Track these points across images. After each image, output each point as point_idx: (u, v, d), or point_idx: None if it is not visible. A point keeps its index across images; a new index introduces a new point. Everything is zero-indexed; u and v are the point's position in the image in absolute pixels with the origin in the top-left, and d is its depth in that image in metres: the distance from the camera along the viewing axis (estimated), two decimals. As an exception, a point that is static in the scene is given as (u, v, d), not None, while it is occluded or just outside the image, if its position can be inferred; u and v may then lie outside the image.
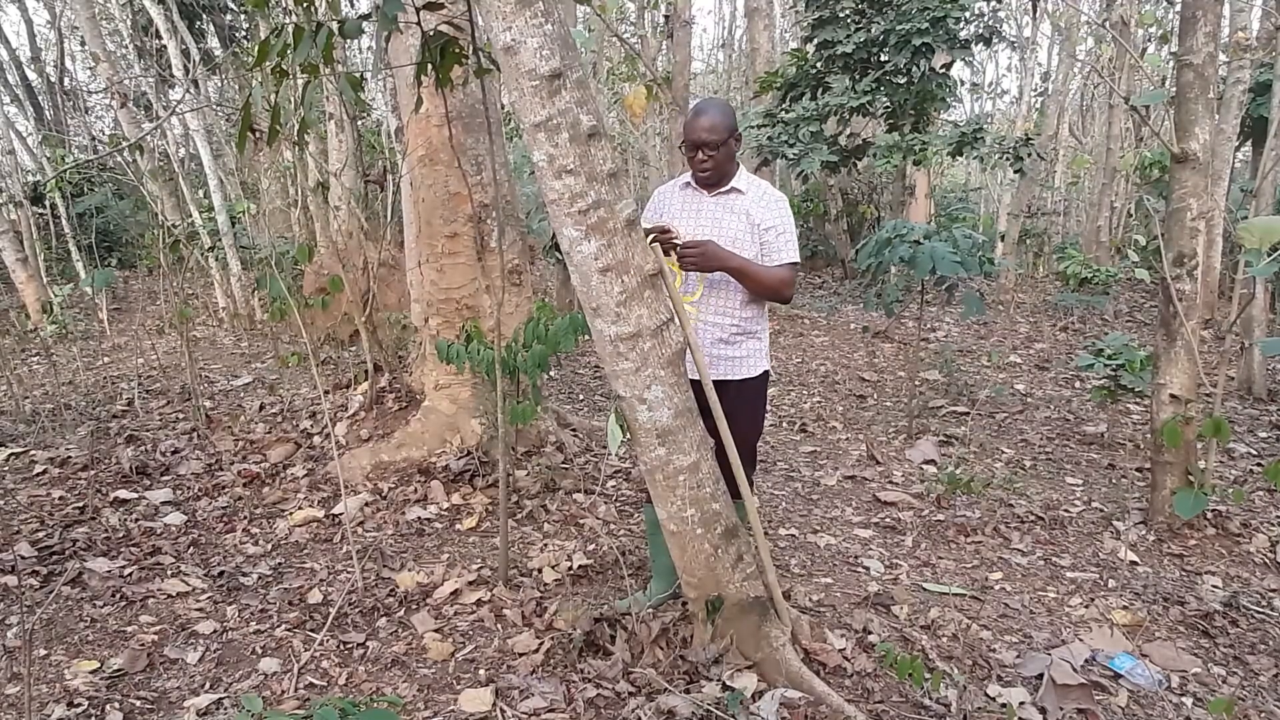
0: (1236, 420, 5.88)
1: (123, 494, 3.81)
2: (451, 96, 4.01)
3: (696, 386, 2.52)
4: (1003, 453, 5.23)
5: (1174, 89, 3.78)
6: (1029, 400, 6.52)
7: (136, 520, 3.59)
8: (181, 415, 5.02)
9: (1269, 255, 3.37)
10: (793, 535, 3.86)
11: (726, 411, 2.63)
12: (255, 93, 2.53)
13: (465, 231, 4.23)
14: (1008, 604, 3.26)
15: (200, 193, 10.68)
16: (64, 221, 11.16)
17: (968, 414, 5.97)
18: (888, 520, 4.07)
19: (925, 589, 3.35)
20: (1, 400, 5.59)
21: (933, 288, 5.57)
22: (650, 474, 2.48)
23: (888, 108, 8.69)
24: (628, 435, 2.47)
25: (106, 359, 7.59)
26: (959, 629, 2.97)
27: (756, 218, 2.66)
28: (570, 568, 3.28)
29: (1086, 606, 3.24)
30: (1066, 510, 4.22)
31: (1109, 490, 4.50)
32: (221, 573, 3.21)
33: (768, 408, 6.20)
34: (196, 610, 2.93)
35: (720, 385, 2.69)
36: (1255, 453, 5.28)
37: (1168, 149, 3.78)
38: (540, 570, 3.27)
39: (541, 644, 2.74)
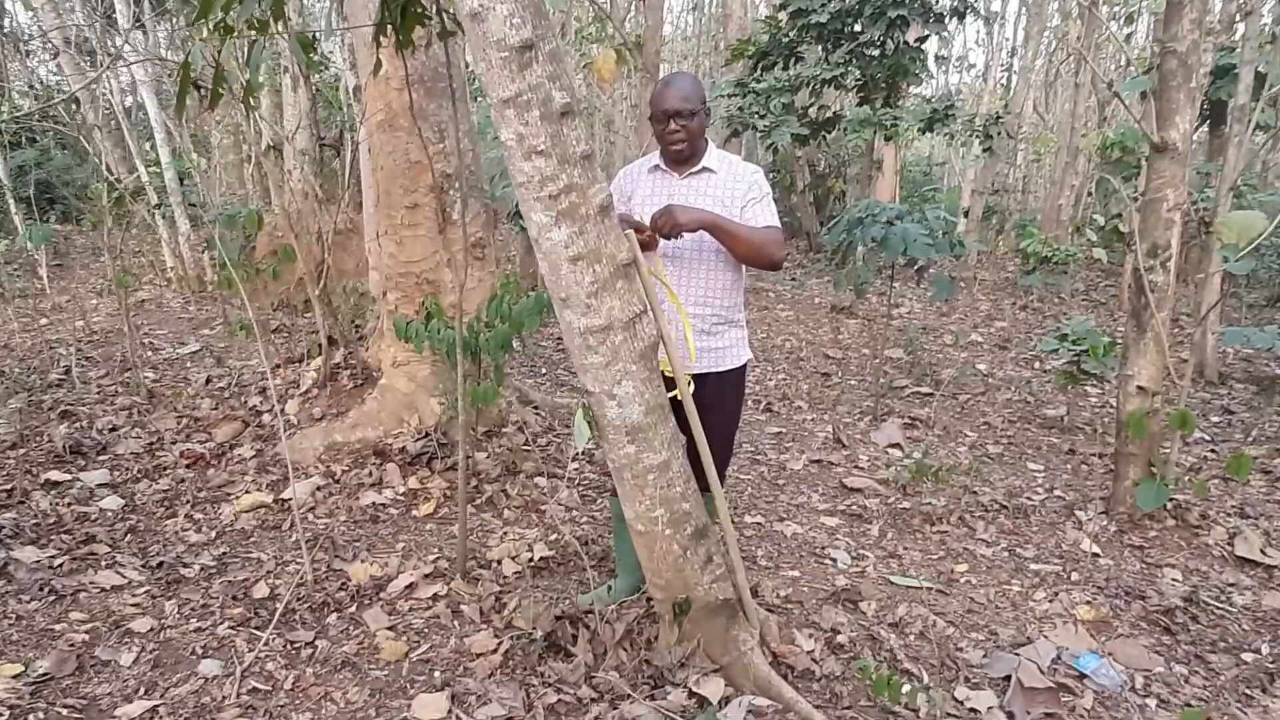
0: (1190, 404, 5.95)
1: (55, 475, 3.59)
2: (412, 59, 3.80)
3: (669, 379, 2.41)
4: (966, 436, 5.23)
5: (1155, 75, 3.71)
6: (990, 381, 6.53)
7: (69, 505, 3.38)
8: (122, 388, 4.76)
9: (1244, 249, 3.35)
10: (759, 523, 3.79)
11: (706, 404, 2.52)
12: (195, 51, 2.31)
13: (426, 202, 4.04)
14: (973, 598, 3.24)
15: (147, 145, 10.18)
16: (2, 174, 10.59)
17: (931, 395, 5.96)
18: (854, 508, 4.03)
19: (892, 582, 3.31)
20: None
21: (903, 269, 5.50)
22: (618, 472, 2.37)
23: (860, 80, 8.56)
24: (595, 432, 2.35)
25: (45, 320, 7.23)
26: (926, 626, 2.93)
27: (730, 198, 2.52)
28: (531, 559, 3.17)
29: (1050, 601, 3.23)
30: (1029, 498, 4.22)
31: (1070, 478, 4.51)
32: (161, 563, 3.03)
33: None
34: (132, 606, 2.75)
35: (701, 378, 2.58)
36: (1209, 438, 5.35)
37: (1147, 138, 3.72)
38: (500, 562, 3.15)
39: (500, 644, 2.64)
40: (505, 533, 3.44)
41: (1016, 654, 2.78)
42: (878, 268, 5.27)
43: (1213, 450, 5.10)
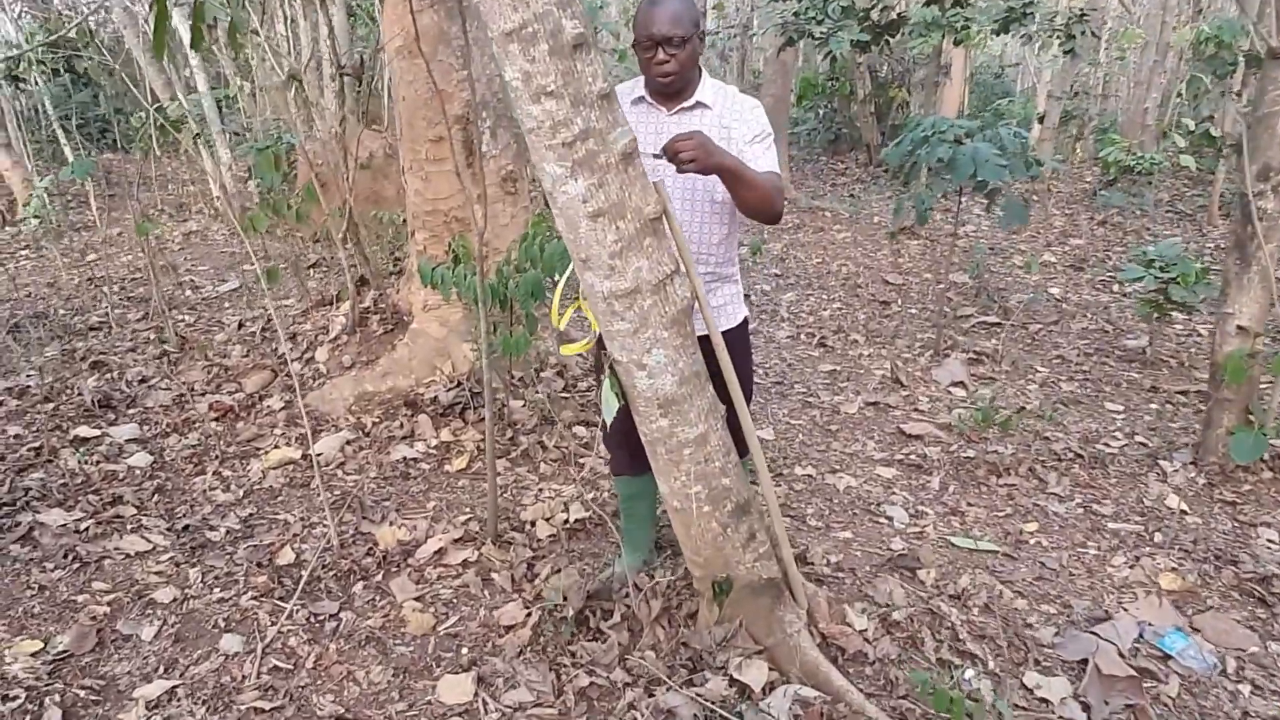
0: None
1: (84, 430, 3.52)
2: (428, -24, 3.47)
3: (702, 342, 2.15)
4: (1036, 372, 4.87)
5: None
6: (1064, 307, 6.09)
7: (97, 462, 3.30)
8: (155, 333, 4.68)
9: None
10: (809, 476, 3.57)
11: (711, 370, 2.28)
12: (173, -18, 2.07)
13: (452, 135, 3.76)
14: (1044, 563, 2.98)
15: (186, 72, 9.98)
16: (47, 102, 10.55)
17: (999, 325, 5.58)
18: (913, 457, 3.76)
19: (953, 544, 3.07)
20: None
21: (971, 192, 5.05)
22: (651, 446, 2.15)
23: (928, -24, 7.83)
24: (624, 402, 2.13)
25: (94, 255, 7.24)
26: (992, 597, 2.70)
27: (727, 138, 2.17)
28: (566, 521, 3.01)
29: (1131, 567, 2.96)
30: (1107, 444, 3.89)
31: (1153, 420, 4.16)
32: (186, 526, 2.95)
33: (784, 316, 5.80)
34: (156, 574, 2.68)
35: (702, 341, 2.32)
36: (1311, 373, 4.89)
37: (1264, 42, 3.22)
38: (534, 524, 3.00)
39: (530, 616, 2.49)
40: (541, 489, 3.28)
41: (1094, 633, 2.54)
42: (942, 193, 4.83)
43: (1315, 387, 4.66)
